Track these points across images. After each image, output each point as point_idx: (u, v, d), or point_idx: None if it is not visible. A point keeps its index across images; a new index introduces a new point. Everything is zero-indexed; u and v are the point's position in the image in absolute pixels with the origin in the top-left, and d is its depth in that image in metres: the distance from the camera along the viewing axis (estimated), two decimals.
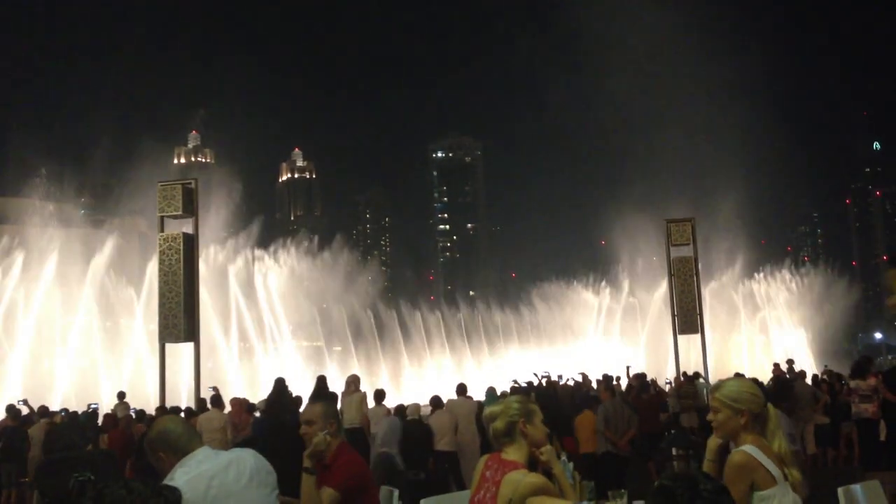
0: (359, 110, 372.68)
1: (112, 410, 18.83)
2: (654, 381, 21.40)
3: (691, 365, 23.10)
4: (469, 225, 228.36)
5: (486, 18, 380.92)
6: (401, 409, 14.59)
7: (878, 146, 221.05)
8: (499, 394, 17.65)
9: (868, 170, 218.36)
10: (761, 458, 3.91)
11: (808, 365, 35.60)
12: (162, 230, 15.06)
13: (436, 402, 14.87)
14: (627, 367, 24.14)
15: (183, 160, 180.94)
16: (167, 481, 3.72)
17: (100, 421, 17.34)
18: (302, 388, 17.52)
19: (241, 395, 17.38)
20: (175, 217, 15.28)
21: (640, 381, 19.87)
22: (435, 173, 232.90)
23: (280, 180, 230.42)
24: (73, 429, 4.32)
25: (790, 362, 22.01)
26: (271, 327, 46.04)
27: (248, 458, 3.93)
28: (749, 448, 3.97)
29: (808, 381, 19.28)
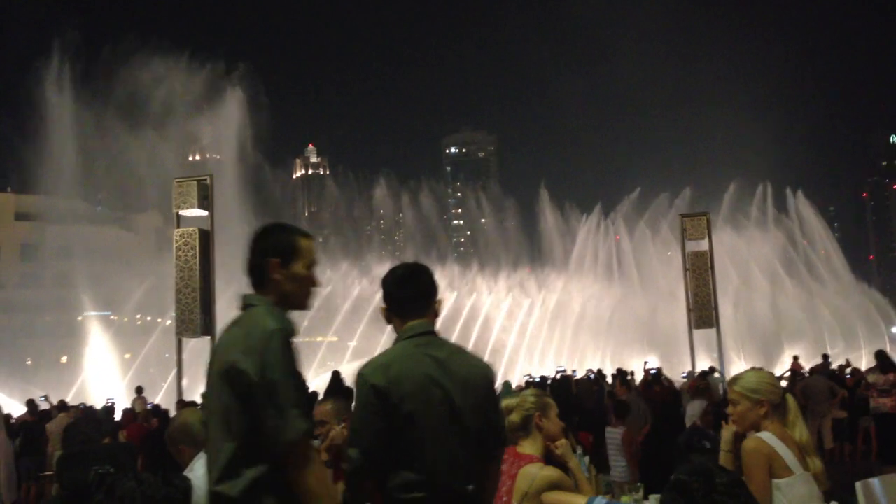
0: (372, 106, 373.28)
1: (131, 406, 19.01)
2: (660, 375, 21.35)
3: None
4: (483, 220, 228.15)
5: (499, 13, 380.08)
6: None
7: (895, 140, 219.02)
8: (514, 387, 17.67)
9: (885, 163, 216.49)
10: (776, 445, 3.89)
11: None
12: (178, 226, 15.12)
13: None
14: (645, 363, 24.10)
15: (198, 157, 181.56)
16: (187, 473, 3.76)
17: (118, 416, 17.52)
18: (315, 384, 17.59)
19: None
20: (190, 214, 15.36)
21: (650, 375, 19.86)
22: (449, 169, 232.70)
23: (294, 176, 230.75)
24: (90, 423, 4.36)
25: (825, 356, 21.75)
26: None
27: None
28: (763, 435, 3.95)
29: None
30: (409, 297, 3.47)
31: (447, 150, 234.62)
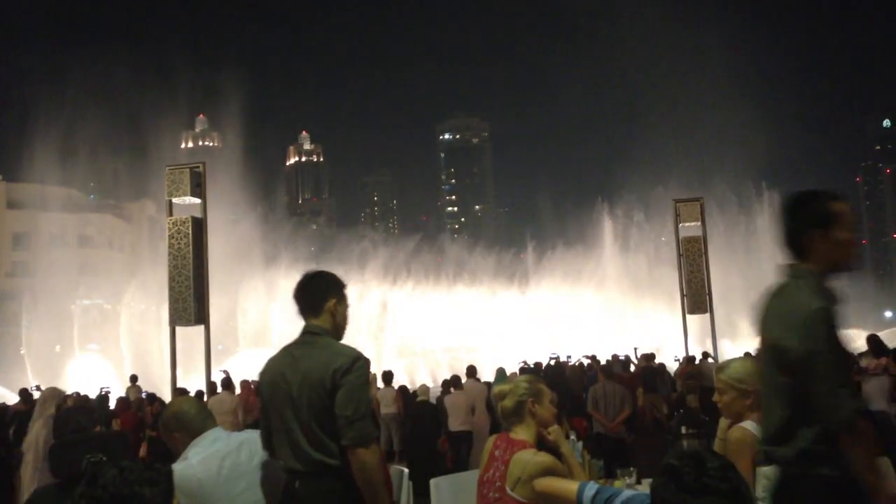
0: (366, 93, 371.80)
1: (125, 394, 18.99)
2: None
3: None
4: (477, 206, 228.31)
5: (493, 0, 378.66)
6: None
7: (888, 124, 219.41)
8: (508, 374, 17.73)
9: (878, 147, 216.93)
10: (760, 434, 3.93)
11: None
12: (170, 214, 15.07)
13: (454, 382, 14.95)
14: (635, 349, 24.09)
15: (191, 144, 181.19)
16: (181, 461, 3.76)
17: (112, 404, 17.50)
18: None
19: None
20: (183, 202, 15.30)
21: (621, 360, 20.00)
22: (442, 155, 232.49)
23: (288, 163, 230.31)
24: (81, 412, 4.36)
25: None
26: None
27: (260, 439, 3.97)
28: (748, 424, 3.98)
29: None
30: (301, 301, 4.03)
31: (441, 137, 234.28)
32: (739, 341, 40.33)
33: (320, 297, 3.99)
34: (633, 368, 21.12)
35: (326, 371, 3.68)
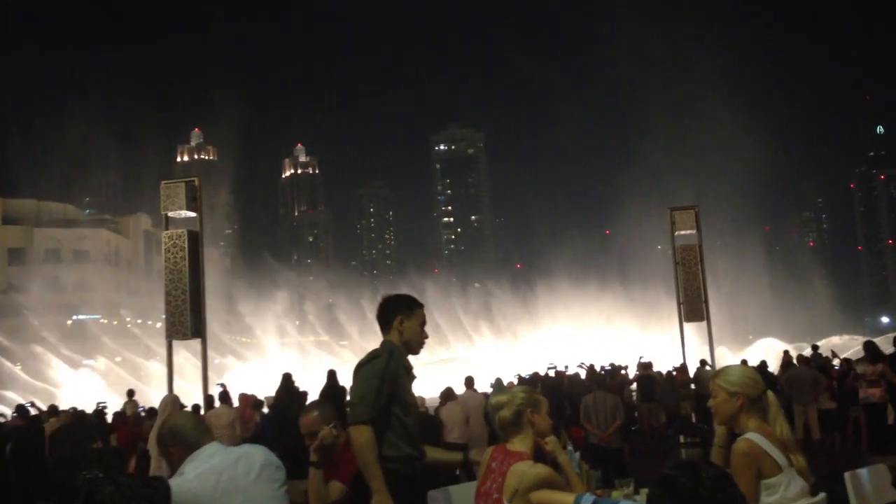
0: (361, 105, 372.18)
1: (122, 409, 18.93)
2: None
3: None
4: (473, 217, 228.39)
5: (486, 11, 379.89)
6: None
7: (882, 130, 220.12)
8: (505, 384, 17.71)
9: (872, 154, 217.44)
10: (766, 446, 3.93)
11: None
12: (166, 228, 15.06)
13: (447, 394, 14.90)
14: (640, 358, 24.02)
15: (186, 158, 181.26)
16: (177, 476, 3.75)
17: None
18: (310, 383, 17.64)
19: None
20: (179, 216, 15.30)
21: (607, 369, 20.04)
22: (438, 166, 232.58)
23: (283, 176, 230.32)
24: (76, 428, 4.33)
25: (815, 347, 21.76)
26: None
27: (257, 454, 3.96)
28: (753, 436, 3.98)
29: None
30: (377, 320, 4.83)
31: (436, 148, 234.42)
32: (736, 348, 40.40)
33: (388, 316, 4.75)
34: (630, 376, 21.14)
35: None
